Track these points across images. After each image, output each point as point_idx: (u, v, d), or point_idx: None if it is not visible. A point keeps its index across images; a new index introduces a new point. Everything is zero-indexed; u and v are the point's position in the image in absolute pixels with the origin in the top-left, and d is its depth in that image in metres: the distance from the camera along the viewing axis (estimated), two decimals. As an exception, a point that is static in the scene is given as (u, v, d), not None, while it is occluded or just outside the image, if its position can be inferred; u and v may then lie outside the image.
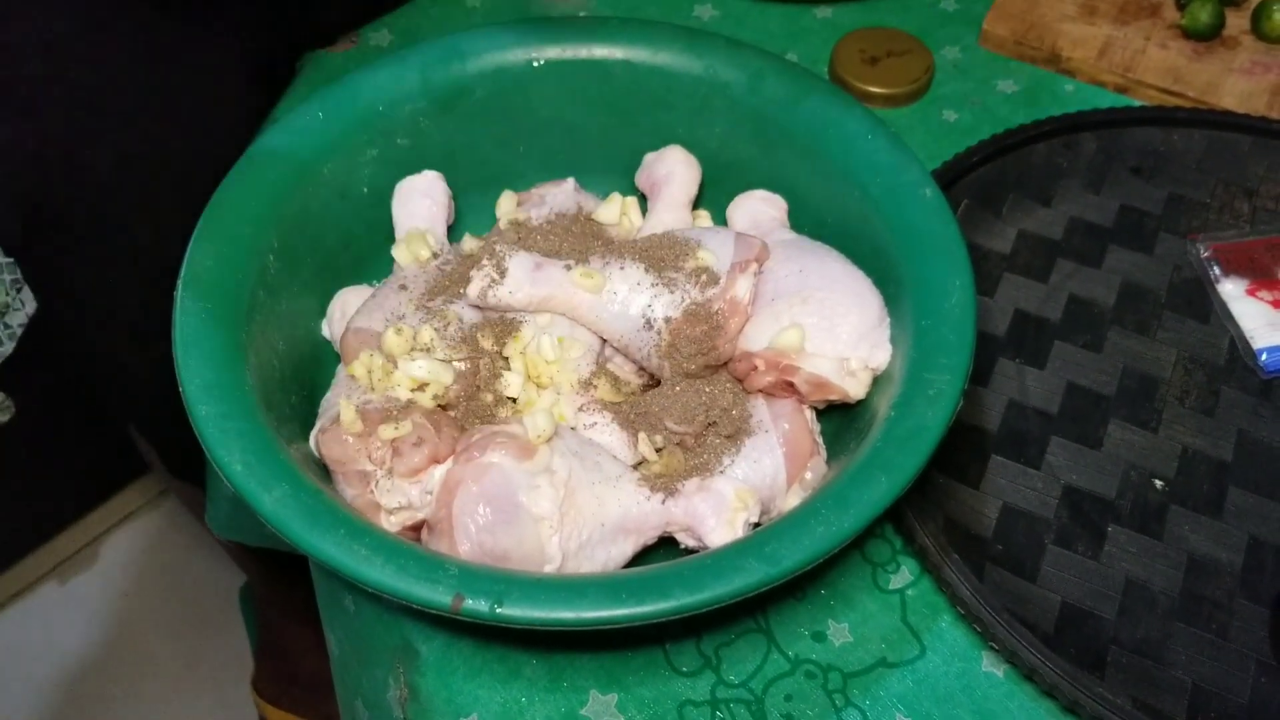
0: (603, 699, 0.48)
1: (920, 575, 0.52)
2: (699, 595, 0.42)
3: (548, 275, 0.53)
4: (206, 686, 1.29)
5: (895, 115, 0.71)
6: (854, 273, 0.54)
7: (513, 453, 0.47)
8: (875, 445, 0.47)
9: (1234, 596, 0.52)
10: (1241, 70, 0.72)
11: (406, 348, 0.51)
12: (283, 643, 1.21)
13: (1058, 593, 0.52)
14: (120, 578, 1.38)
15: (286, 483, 0.45)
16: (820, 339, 0.51)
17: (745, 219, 0.59)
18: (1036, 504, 0.55)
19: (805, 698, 0.49)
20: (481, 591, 0.42)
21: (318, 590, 0.59)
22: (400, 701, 0.50)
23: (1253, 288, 0.62)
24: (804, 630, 0.51)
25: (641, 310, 0.52)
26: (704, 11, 0.78)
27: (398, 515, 0.48)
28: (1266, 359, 0.59)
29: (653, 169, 0.61)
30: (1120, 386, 0.59)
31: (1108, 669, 0.49)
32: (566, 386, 0.52)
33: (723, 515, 0.48)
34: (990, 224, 0.65)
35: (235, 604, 1.33)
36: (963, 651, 0.50)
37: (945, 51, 0.76)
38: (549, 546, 0.46)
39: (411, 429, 0.48)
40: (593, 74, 0.61)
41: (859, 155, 0.57)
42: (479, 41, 0.61)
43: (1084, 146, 0.68)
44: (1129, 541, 0.53)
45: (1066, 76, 0.74)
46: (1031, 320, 0.62)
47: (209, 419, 0.46)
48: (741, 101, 0.60)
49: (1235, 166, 0.68)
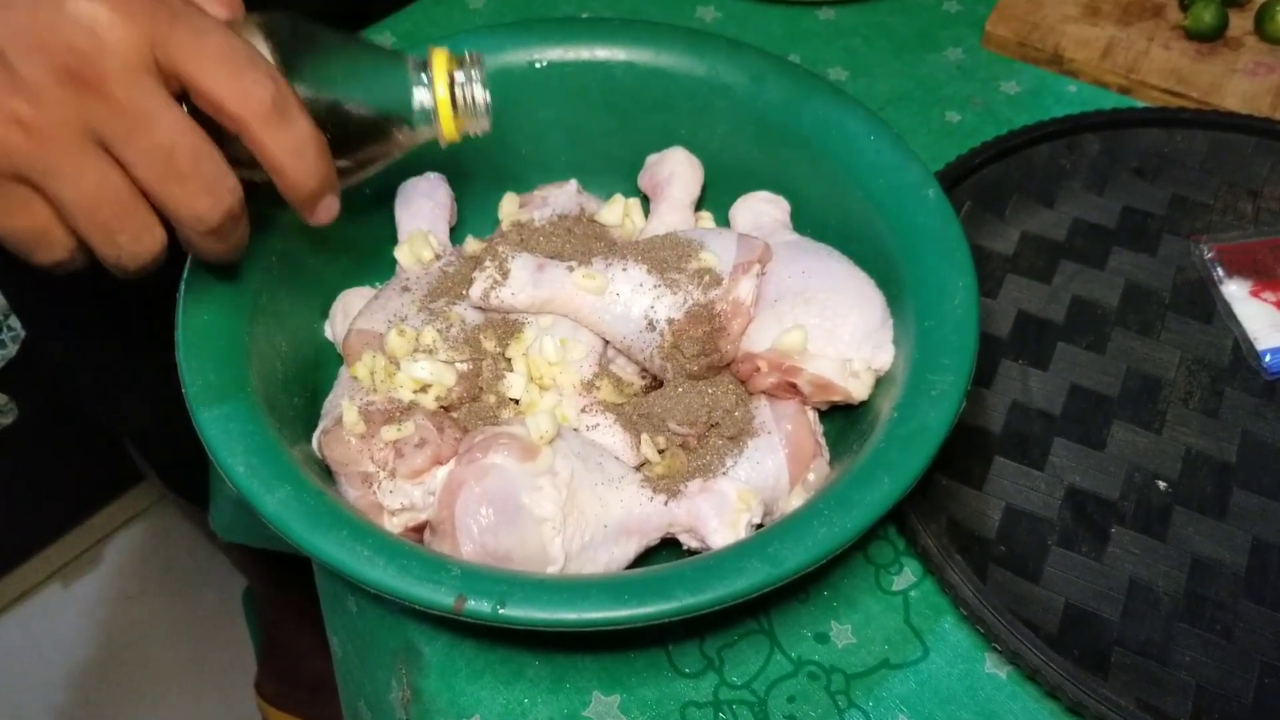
0: (605, 700, 0.48)
1: (923, 576, 0.52)
2: (702, 596, 0.42)
3: (550, 277, 0.53)
4: (210, 689, 1.29)
5: (897, 117, 0.71)
6: (857, 274, 0.54)
7: (515, 454, 0.47)
8: (878, 446, 0.47)
9: (1238, 598, 0.52)
10: (1245, 71, 0.72)
11: (409, 349, 0.51)
12: (285, 645, 1.21)
13: (1061, 594, 0.52)
14: (124, 580, 1.38)
15: (289, 484, 0.45)
16: (823, 340, 0.51)
17: (748, 220, 0.59)
18: (1040, 505, 0.55)
19: (808, 699, 0.49)
20: (484, 592, 0.42)
21: (321, 592, 0.59)
22: (403, 703, 0.50)
23: (1256, 289, 0.62)
24: (807, 631, 0.51)
25: (644, 312, 0.52)
26: (706, 13, 0.78)
27: (400, 516, 0.48)
28: (1270, 360, 0.59)
29: (655, 170, 0.61)
30: (1123, 388, 0.59)
31: (1111, 670, 0.49)
32: (569, 388, 0.52)
33: (725, 516, 0.48)
34: (993, 225, 0.65)
35: (238, 606, 1.33)
36: (966, 653, 0.50)
37: (948, 53, 0.76)
38: (551, 547, 0.46)
39: (414, 430, 0.48)
40: (595, 75, 0.61)
41: (861, 156, 0.57)
42: (481, 43, 0.61)
43: (1087, 148, 0.68)
44: (1132, 543, 0.53)
45: (1069, 78, 0.74)
46: (1034, 321, 0.62)
47: (212, 421, 0.46)
48: (744, 103, 0.60)
49: (1239, 167, 0.68)
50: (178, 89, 0.40)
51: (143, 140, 0.38)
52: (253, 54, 0.40)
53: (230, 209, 0.41)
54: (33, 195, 0.39)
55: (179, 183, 0.39)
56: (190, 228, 0.41)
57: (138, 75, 0.38)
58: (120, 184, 0.39)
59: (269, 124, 0.40)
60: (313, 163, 0.42)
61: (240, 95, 0.39)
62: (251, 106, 0.39)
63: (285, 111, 0.40)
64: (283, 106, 0.40)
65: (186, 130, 0.39)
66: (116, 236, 0.40)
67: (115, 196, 0.39)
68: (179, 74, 0.39)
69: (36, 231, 0.40)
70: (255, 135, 0.40)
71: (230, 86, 0.39)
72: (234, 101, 0.39)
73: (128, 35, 0.38)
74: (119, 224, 0.40)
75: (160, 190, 0.39)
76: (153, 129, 0.38)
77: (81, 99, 0.37)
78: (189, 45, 0.39)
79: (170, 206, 0.40)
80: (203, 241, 0.42)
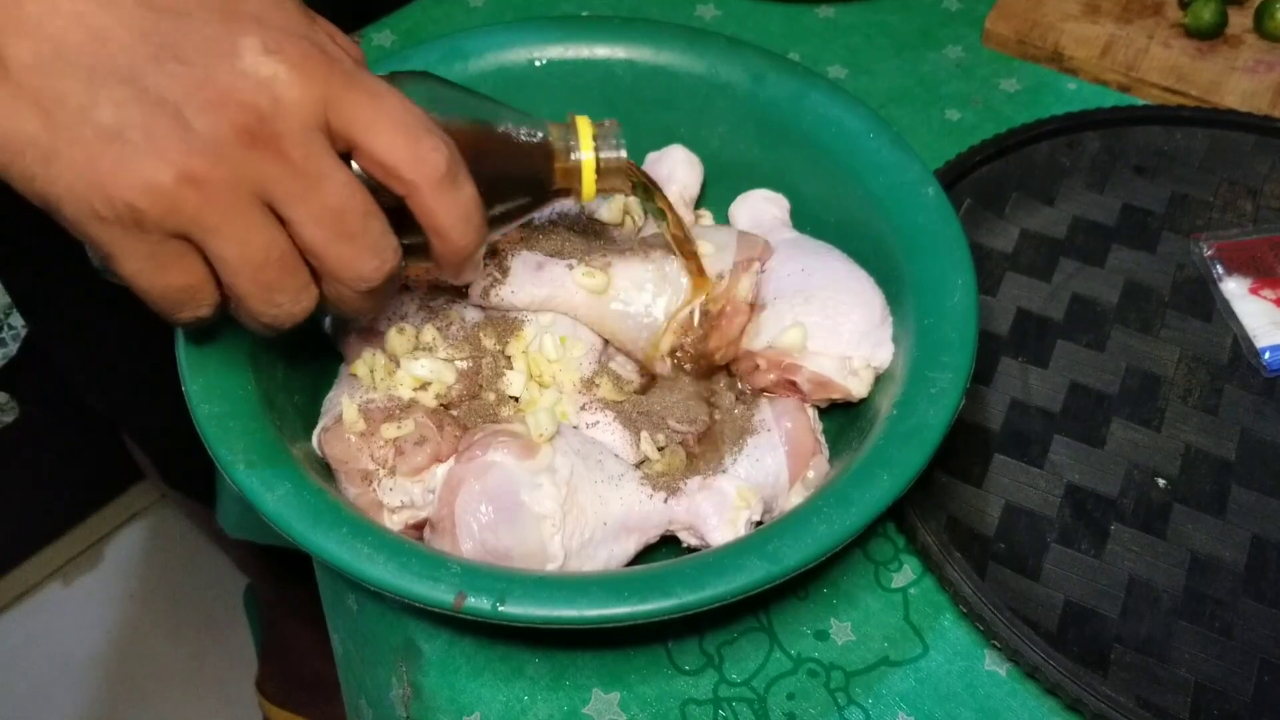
0: (605, 697, 0.49)
1: (923, 574, 0.52)
2: (701, 593, 0.42)
3: (550, 275, 0.53)
4: (211, 687, 1.29)
5: (897, 115, 0.71)
6: (856, 272, 0.54)
7: (515, 451, 0.47)
8: (877, 444, 0.47)
9: (1237, 595, 0.52)
10: (1245, 69, 0.72)
11: (409, 347, 0.51)
12: (286, 643, 1.21)
13: (1060, 591, 0.52)
14: (125, 578, 1.38)
15: (289, 482, 0.45)
16: (823, 338, 0.51)
17: (747, 218, 0.59)
18: (1039, 503, 0.55)
19: (808, 696, 0.49)
20: (484, 590, 0.42)
21: (322, 590, 0.60)
22: (403, 700, 0.50)
23: (1256, 286, 0.62)
24: (806, 629, 0.51)
25: (643, 309, 0.52)
26: (706, 11, 0.78)
27: (400, 514, 0.48)
28: (1269, 358, 0.59)
29: (655, 168, 0.61)
30: (1123, 385, 0.59)
31: (1111, 667, 0.49)
32: (569, 385, 0.52)
33: (725, 514, 0.48)
34: (993, 223, 0.65)
35: (239, 604, 1.33)
36: (965, 650, 0.50)
37: (948, 51, 0.76)
38: (551, 545, 0.46)
39: (414, 428, 0.48)
40: (595, 73, 0.61)
41: (861, 154, 0.57)
42: (481, 41, 0.61)
43: (1087, 145, 0.68)
44: (1132, 540, 0.53)
45: (1069, 75, 0.74)
46: (1034, 319, 0.62)
47: (212, 419, 0.46)
48: (743, 101, 0.60)
49: (1238, 165, 0.68)
50: (344, 149, 0.39)
51: (315, 201, 0.38)
52: (426, 119, 0.40)
53: (393, 269, 0.41)
54: (189, 251, 0.38)
55: (348, 243, 0.39)
56: (352, 287, 0.40)
57: (312, 135, 0.38)
58: (286, 244, 0.39)
59: (441, 190, 0.40)
60: (475, 228, 0.42)
61: (416, 161, 0.39)
62: (426, 172, 0.39)
63: (456, 177, 0.40)
64: (454, 173, 0.40)
65: (356, 191, 0.39)
66: (276, 296, 0.40)
67: (281, 257, 0.39)
68: (352, 137, 0.39)
69: (189, 289, 0.39)
70: (426, 202, 0.40)
71: (407, 152, 0.39)
72: (409, 168, 0.39)
73: (305, 95, 0.37)
74: (281, 284, 0.39)
75: (328, 251, 0.39)
76: (325, 190, 0.38)
77: (256, 157, 0.37)
78: (365, 108, 0.38)
79: (337, 267, 0.40)
80: (357, 301, 0.42)
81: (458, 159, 0.41)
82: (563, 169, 0.48)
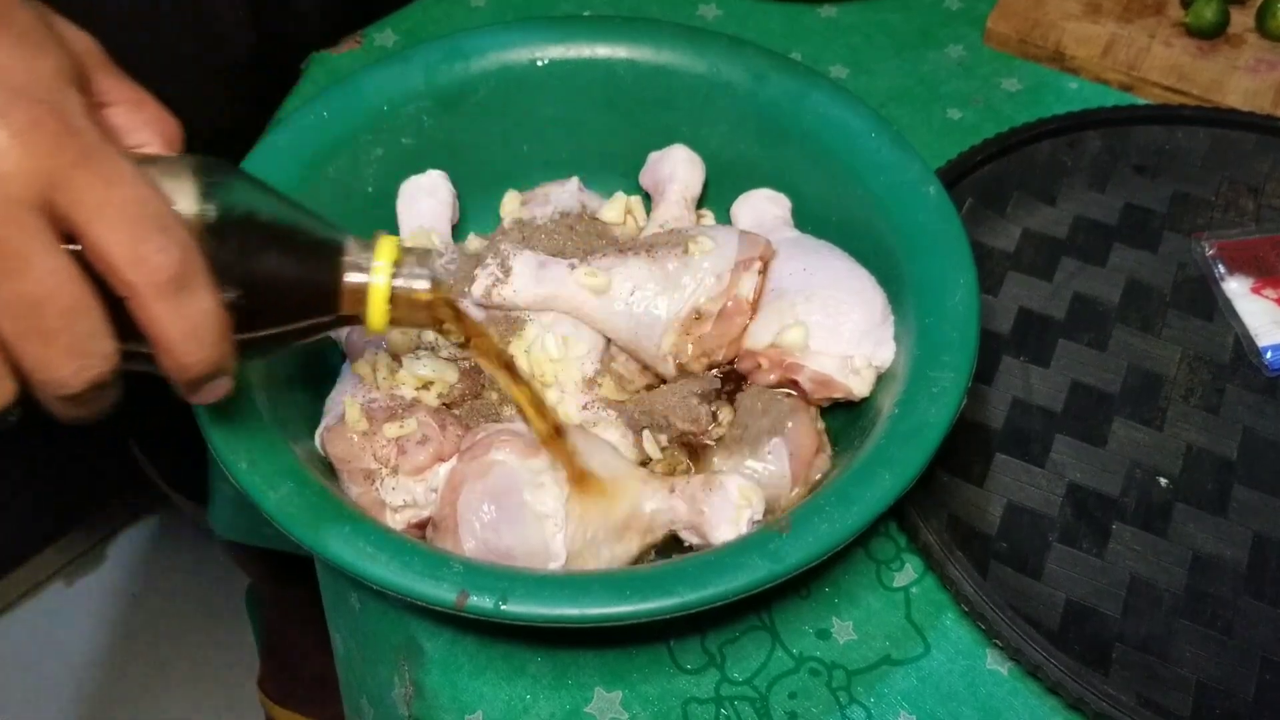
0: (607, 696, 0.49)
1: (924, 573, 0.52)
2: (703, 592, 0.42)
3: (552, 274, 0.53)
4: (213, 686, 1.29)
5: (898, 114, 0.71)
6: (858, 271, 0.54)
7: (517, 450, 0.47)
8: (879, 443, 0.47)
9: (1239, 594, 0.52)
10: (1246, 68, 0.72)
11: (411, 346, 0.51)
12: (288, 642, 1.21)
13: (1062, 590, 0.52)
14: (127, 578, 1.38)
15: (291, 481, 0.45)
16: (824, 337, 0.51)
17: (749, 217, 0.59)
18: (1041, 502, 0.55)
19: (809, 695, 0.49)
20: (486, 588, 0.42)
21: (323, 589, 0.60)
22: (405, 699, 0.50)
23: (1257, 286, 0.62)
24: (808, 628, 0.51)
25: (645, 309, 0.52)
26: (707, 11, 0.78)
27: (402, 513, 0.49)
28: (1271, 357, 0.59)
29: (656, 168, 0.61)
30: (1125, 384, 0.59)
31: (1112, 666, 0.49)
32: (571, 385, 0.53)
33: (727, 513, 0.48)
34: (994, 222, 0.65)
35: (241, 604, 1.33)
36: (967, 649, 0.50)
37: (949, 50, 0.76)
38: (553, 544, 0.46)
39: (416, 427, 0.49)
40: (596, 73, 0.61)
41: (862, 154, 0.57)
42: (483, 41, 0.61)
43: (1088, 145, 0.68)
44: (1134, 539, 0.53)
45: (1070, 75, 0.74)
46: (1036, 318, 0.62)
47: (214, 418, 0.46)
48: (745, 100, 0.60)
49: (1240, 164, 0.68)
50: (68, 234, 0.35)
51: (6, 288, 0.33)
52: (164, 214, 0.35)
53: (97, 378, 0.35)
54: None
55: (41, 341, 0.34)
56: (48, 391, 0.36)
57: (20, 212, 0.33)
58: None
59: (163, 297, 0.35)
60: (207, 346, 0.37)
61: (135, 260, 0.34)
62: (145, 274, 0.34)
63: (186, 285, 0.35)
64: (184, 280, 0.35)
65: (64, 282, 0.34)
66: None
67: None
68: (74, 222, 0.34)
69: None
70: (146, 308, 0.35)
71: (127, 249, 0.34)
72: (127, 266, 0.34)
73: (21, 168, 0.33)
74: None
75: (15, 346, 0.34)
76: (23, 276, 0.33)
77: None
78: (91, 194, 0.34)
79: (25, 365, 0.34)
80: (58, 406, 0.37)
81: (192, 264, 0.35)
82: (351, 290, 0.41)
